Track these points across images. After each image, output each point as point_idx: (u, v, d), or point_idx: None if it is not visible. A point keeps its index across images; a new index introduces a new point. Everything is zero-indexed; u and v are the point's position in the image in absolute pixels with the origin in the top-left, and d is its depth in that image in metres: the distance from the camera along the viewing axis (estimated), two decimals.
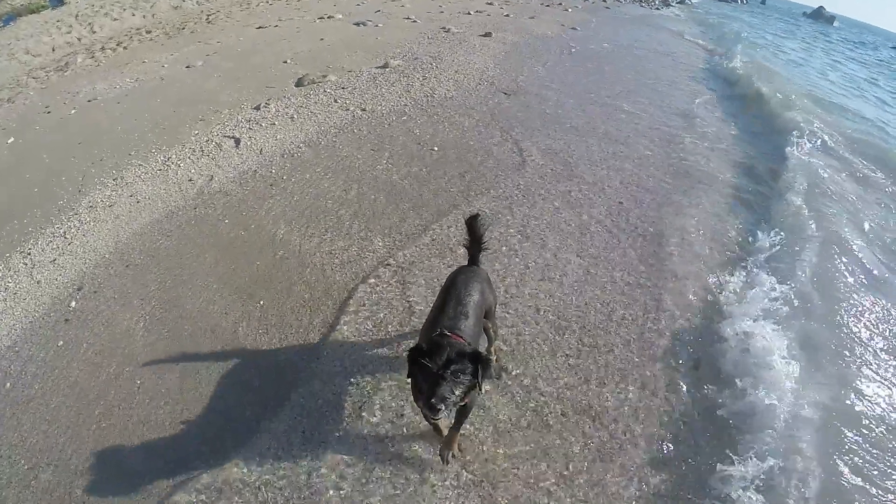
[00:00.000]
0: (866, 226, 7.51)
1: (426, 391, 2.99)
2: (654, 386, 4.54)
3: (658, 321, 5.24)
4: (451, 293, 3.77)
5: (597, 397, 4.39)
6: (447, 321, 3.51)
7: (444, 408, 2.95)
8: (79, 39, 18.28)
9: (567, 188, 7.61)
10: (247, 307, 5.29)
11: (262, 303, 5.31)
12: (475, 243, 4.17)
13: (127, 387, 4.55)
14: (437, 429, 3.81)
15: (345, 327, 4.95)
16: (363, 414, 4.11)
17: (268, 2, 23.04)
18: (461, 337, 3.35)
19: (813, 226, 6.94)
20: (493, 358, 4.48)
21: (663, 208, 7.34)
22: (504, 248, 6.17)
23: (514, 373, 4.53)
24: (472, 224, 4.13)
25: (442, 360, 3.01)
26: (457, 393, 3.02)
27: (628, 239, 6.55)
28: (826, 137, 10.68)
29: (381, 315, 5.07)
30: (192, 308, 5.33)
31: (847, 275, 6.21)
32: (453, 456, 3.77)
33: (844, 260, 6.42)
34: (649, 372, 4.67)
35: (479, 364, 3.09)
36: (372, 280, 5.55)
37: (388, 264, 5.78)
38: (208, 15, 20.33)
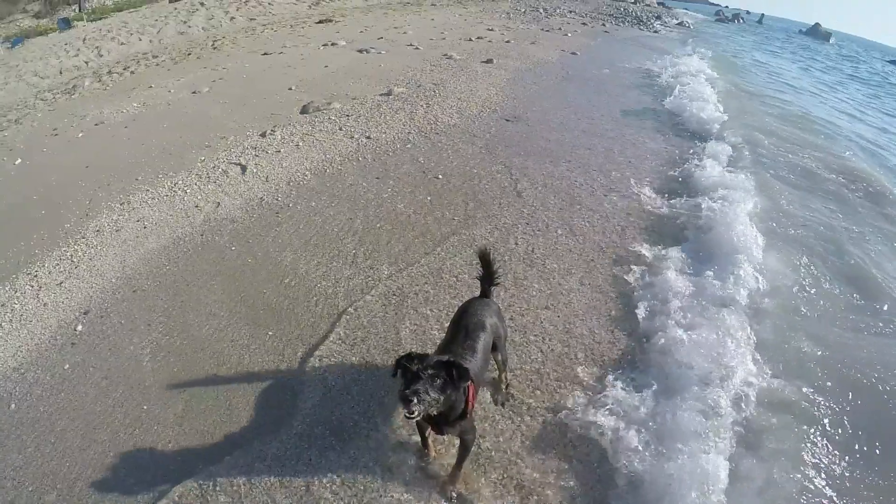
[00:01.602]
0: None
1: (402, 386, 3.21)
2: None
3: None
4: (460, 325, 3.94)
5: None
6: (455, 352, 3.68)
7: (416, 401, 3.11)
8: (86, 63, 18.53)
9: (570, 216, 7.69)
10: (254, 335, 5.33)
11: (270, 332, 5.35)
12: (488, 277, 4.35)
13: (133, 412, 4.57)
14: (424, 442, 3.99)
15: (353, 358, 5.01)
16: (369, 441, 4.16)
17: (273, 29, 23.35)
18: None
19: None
20: (504, 386, 4.59)
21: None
22: (509, 275, 6.22)
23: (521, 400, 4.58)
24: (485, 258, 4.33)
25: (422, 364, 3.23)
26: (431, 394, 3.19)
27: (629, 265, 6.60)
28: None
29: (387, 345, 5.12)
30: (199, 335, 5.37)
31: None
32: (455, 494, 3.85)
33: None
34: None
35: (453, 370, 3.29)
36: (377, 307, 5.63)
37: (393, 293, 5.86)
38: (214, 41, 20.57)
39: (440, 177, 8.54)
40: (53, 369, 5.13)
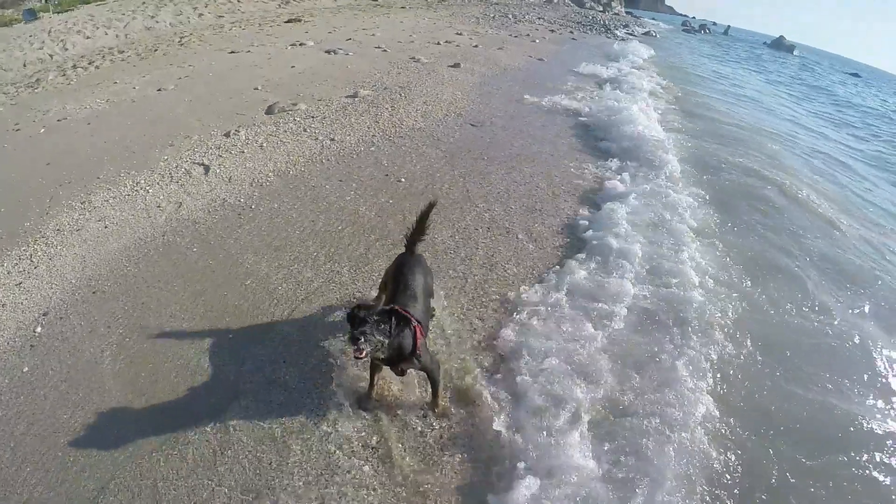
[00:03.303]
0: None
1: (350, 332, 3.72)
2: None
3: None
4: (399, 280, 4.60)
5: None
6: (399, 302, 4.22)
7: (363, 340, 3.63)
8: (51, 56, 18.26)
9: (531, 221, 7.88)
10: (215, 338, 5.37)
11: (230, 335, 5.39)
12: (418, 233, 4.94)
13: (93, 417, 4.57)
14: (371, 384, 4.60)
15: (311, 360, 5.09)
16: (321, 440, 4.28)
17: (241, 27, 23.23)
18: (410, 313, 4.08)
19: None
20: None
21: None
22: (468, 279, 6.38)
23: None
24: (426, 215, 4.93)
25: (368, 312, 3.75)
26: (377, 336, 3.72)
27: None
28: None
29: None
30: (160, 337, 5.39)
31: None
32: (444, 409, 4.59)
33: None
34: None
35: (393, 318, 3.82)
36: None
37: (353, 294, 5.96)
38: (181, 37, 20.42)
39: (403, 180, 8.66)
40: (12, 372, 5.09)
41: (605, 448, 4.33)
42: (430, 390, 4.56)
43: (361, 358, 3.71)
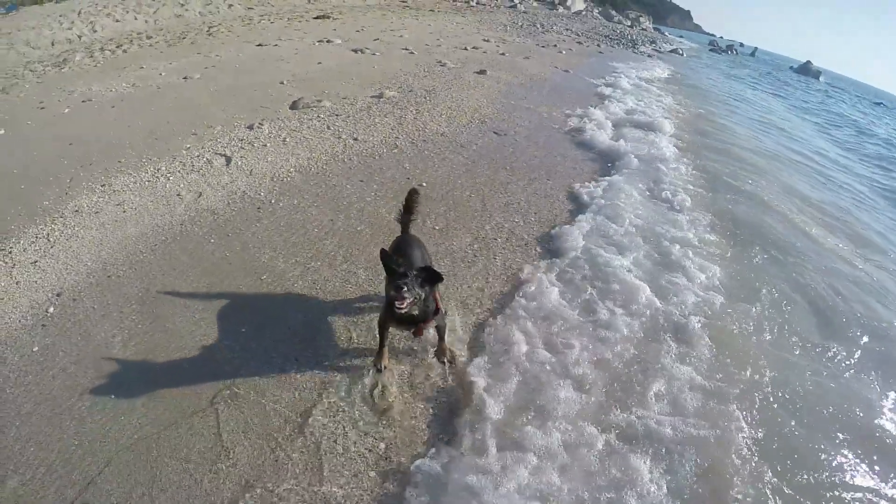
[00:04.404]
0: None
1: (394, 282, 3.89)
2: None
3: None
4: (401, 255, 4.71)
5: None
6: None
7: (406, 289, 3.85)
8: (79, 37, 18.41)
9: (549, 234, 7.79)
10: (226, 330, 5.32)
11: (243, 329, 5.34)
12: (408, 214, 5.28)
13: (100, 400, 4.54)
14: (381, 351, 4.83)
15: (325, 361, 5.03)
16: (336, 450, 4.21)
17: (269, 20, 23.35)
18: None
19: None
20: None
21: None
22: (485, 290, 6.31)
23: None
24: (413, 198, 5.27)
25: (408, 267, 4.03)
26: (416, 289, 3.95)
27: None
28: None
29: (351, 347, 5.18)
30: (172, 327, 5.35)
31: None
32: (452, 357, 5.08)
33: None
34: None
35: (429, 274, 4.09)
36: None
37: (370, 296, 5.91)
38: (210, 27, 20.55)
39: (424, 184, 8.61)
40: (22, 350, 5.07)
41: (584, 451, 4.31)
42: (438, 337, 5.05)
43: (403, 309, 3.94)
